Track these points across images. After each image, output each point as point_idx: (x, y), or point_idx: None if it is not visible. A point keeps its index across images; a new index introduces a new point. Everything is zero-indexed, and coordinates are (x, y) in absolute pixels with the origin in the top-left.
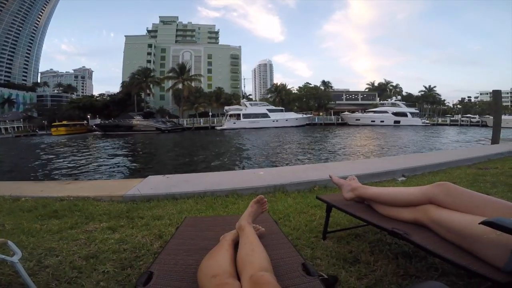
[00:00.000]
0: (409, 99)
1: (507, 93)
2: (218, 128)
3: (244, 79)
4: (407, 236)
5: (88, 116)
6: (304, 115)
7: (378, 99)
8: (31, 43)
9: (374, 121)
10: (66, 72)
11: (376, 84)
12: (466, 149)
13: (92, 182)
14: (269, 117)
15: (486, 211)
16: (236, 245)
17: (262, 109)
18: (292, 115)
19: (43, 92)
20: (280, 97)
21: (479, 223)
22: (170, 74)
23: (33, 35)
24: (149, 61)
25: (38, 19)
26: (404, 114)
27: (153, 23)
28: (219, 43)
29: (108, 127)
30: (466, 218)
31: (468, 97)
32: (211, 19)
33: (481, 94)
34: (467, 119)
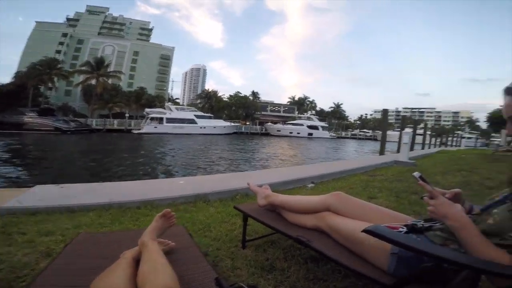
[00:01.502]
0: (321, 114)
1: (392, 112)
2: (136, 131)
3: (172, 81)
4: (309, 243)
5: None
6: (232, 124)
7: (297, 112)
8: None
9: (292, 133)
10: None
11: (296, 98)
12: (361, 159)
13: None
14: (196, 123)
15: (372, 218)
16: (137, 263)
17: (189, 115)
18: (220, 122)
19: None
20: (210, 103)
21: (361, 231)
22: (83, 68)
23: None
24: (59, 52)
25: None
26: (316, 128)
27: (76, 12)
28: (151, 41)
29: None
30: (355, 225)
31: (366, 114)
32: (148, 15)
33: (375, 112)
34: (363, 133)
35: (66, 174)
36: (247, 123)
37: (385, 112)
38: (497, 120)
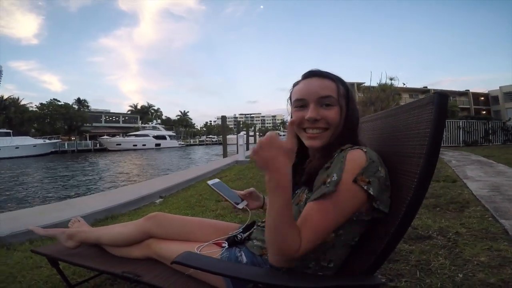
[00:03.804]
0: (168, 123)
1: (231, 118)
2: None
3: None
4: (139, 279)
5: None
6: (48, 141)
7: (140, 122)
8: None
9: (136, 145)
10: None
11: (139, 106)
12: (208, 165)
13: None
14: None
15: (196, 235)
16: None
17: None
18: (27, 140)
19: None
20: (7, 115)
21: (170, 263)
22: None
23: None
24: None
25: None
26: (163, 137)
27: None
28: None
29: None
30: (180, 248)
31: (210, 121)
32: None
33: (217, 118)
34: (209, 139)
35: None
36: (72, 138)
37: (223, 118)
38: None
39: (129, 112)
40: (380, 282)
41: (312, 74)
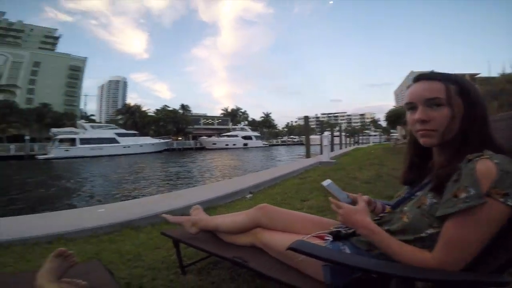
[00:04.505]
0: (253, 124)
1: (313, 118)
2: (41, 157)
3: (85, 96)
4: (246, 264)
5: None
6: (162, 140)
7: (231, 124)
8: None
9: (228, 145)
10: None
11: (229, 110)
12: (291, 164)
13: None
14: (119, 142)
15: (298, 228)
16: None
17: (109, 133)
18: (148, 140)
19: None
20: (134, 119)
21: (285, 249)
22: None
23: None
24: None
25: None
26: (250, 138)
27: None
28: (57, 51)
29: None
30: (283, 239)
31: (291, 121)
32: (58, 22)
33: (299, 118)
34: (291, 139)
35: None
36: (179, 138)
37: (306, 118)
38: (391, 118)
39: (221, 115)
40: (509, 281)
41: (419, 78)
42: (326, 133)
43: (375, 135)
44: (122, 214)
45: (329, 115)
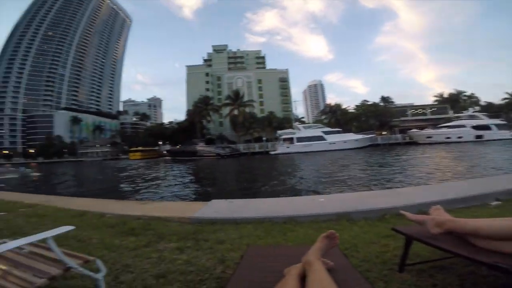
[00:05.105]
0: (490, 109)
1: None
2: (272, 153)
3: (294, 101)
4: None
5: (160, 142)
6: (365, 136)
7: (451, 112)
8: (113, 75)
9: (449, 138)
10: (141, 101)
11: (445, 95)
12: None
13: (163, 203)
14: (325, 139)
15: None
16: (302, 279)
17: (317, 132)
18: (351, 136)
19: (125, 120)
20: (336, 117)
21: None
22: (227, 101)
23: (113, 66)
24: (207, 89)
25: (116, 52)
26: (487, 127)
27: (207, 52)
28: (266, 68)
29: (176, 152)
30: None
31: None
32: (257, 44)
33: None
34: None
35: (227, 189)
36: (383, 133)
37: None
38: None
39: (435, 103)
40: None
41: None
42: None
43: None
44: (338, 206)
45: None
